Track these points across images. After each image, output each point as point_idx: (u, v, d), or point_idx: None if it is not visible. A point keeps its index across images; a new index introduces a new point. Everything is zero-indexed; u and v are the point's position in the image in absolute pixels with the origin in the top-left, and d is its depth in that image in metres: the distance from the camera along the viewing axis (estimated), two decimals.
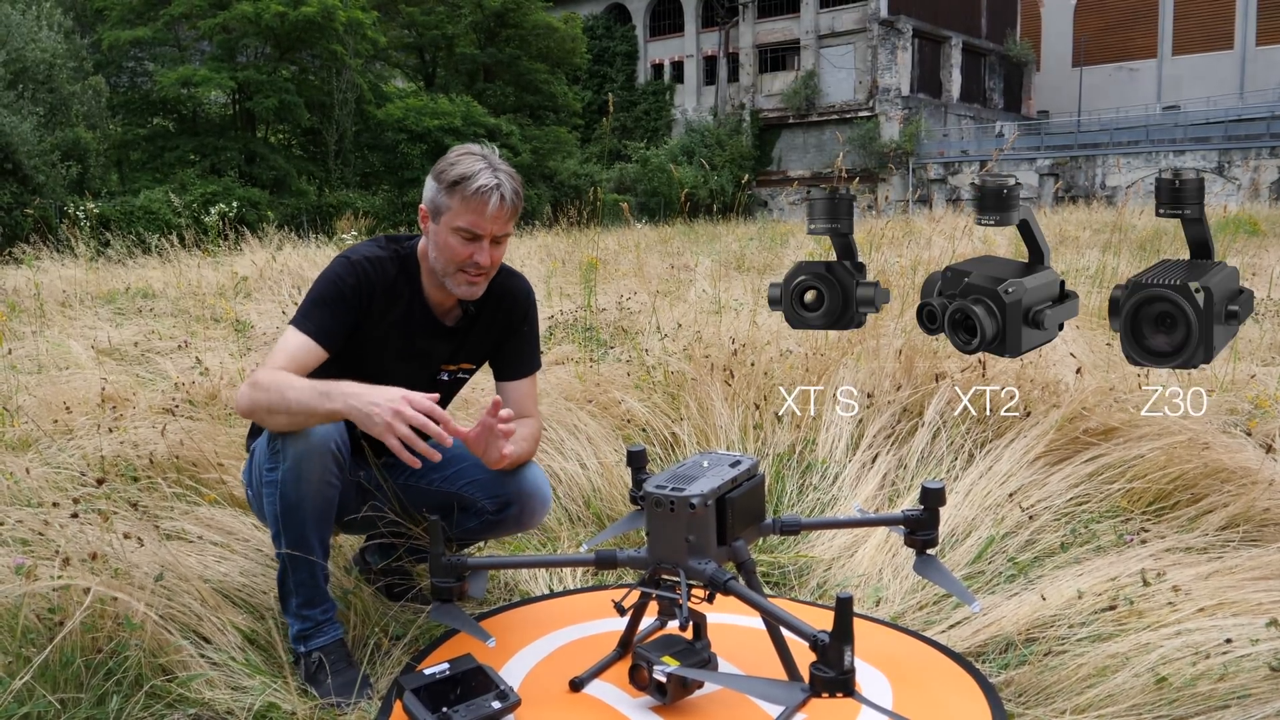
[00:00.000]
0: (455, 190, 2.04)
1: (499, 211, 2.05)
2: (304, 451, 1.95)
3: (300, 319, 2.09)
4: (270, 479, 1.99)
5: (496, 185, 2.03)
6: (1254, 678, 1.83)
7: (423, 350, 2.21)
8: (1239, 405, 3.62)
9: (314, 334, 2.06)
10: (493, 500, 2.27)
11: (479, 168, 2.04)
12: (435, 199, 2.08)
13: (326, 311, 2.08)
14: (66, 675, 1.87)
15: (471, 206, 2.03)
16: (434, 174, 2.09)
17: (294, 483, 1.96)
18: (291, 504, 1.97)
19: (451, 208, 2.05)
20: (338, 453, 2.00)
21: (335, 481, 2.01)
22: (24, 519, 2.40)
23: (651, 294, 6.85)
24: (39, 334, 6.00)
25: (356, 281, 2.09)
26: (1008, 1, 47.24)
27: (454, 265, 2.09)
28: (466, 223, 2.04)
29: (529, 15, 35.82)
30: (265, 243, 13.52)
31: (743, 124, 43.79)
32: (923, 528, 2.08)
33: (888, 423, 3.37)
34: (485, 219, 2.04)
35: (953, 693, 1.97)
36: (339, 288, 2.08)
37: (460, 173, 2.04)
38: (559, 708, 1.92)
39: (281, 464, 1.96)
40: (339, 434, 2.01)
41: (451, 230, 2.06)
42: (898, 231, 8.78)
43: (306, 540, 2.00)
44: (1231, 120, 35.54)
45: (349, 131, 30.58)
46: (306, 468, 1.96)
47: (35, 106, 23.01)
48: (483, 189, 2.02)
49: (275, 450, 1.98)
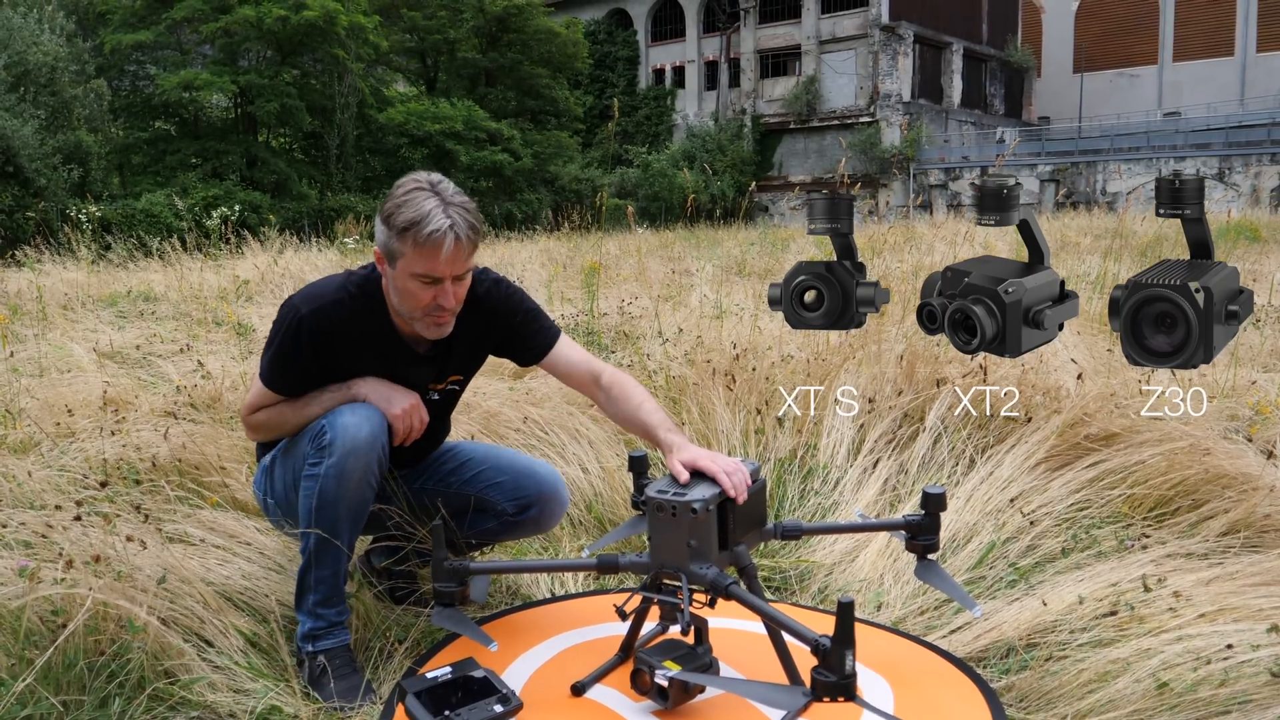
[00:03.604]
0: (407, 236, 1.91)
1: (455, 254, 1.93)
2: (352, 449, 1.97)
3: (266, 374, 2.11)
4: (312, 473, 2.00)
5: (450, 225, 1.91)
6: (1255, 683, 1.83)
7: (403, 378, 2.15)
8: (1240, 411, 3.62)
9: (284, 391, 2.11)
10: (513, 503, 2.30)
11: (429, 208, 1.91)
12: (388, 244, 1.96)
13: (286, 366, 2.09)
14: (69, 677, 1.87)
15: (425, 254, 1.92)
16: (383, 215, 1.96)
17: (336, 478, 1.98)
18: (330, 499, 1.99)
19: (405, 254, 1.93)
20: (382, 456, 2.03)
21: (374, 483, 2.04)
22: (27, 521, 2.40)
23: (653, 298, 6.86)
24: (41, 337, 6.00)
25: (310, 338, 2.04)
26: (1009, 7, 47.31)
27: (419, 310, 2.00)
28: (423, 269, 1.94)
29: (531, 20, 35.87)
30: (267, 246, 13.52)
31: (744, 129, 43.82)
32: (924, 533, 2.08)
33: (889, 428, 3.37)
34: (441, 263, 1.93)
35: (954, 698, 1.97)
36: (295, 345, 2.05)
37: (410, 218, 1.91)
38: (561, 712, 1.92)
39: (327, 459, 1.98)
40: (385, 438, 2.04)
41: (410, 276, 1.96)
42: (899, 237, 8.79)
43: (338, 537, 2.02)
44: (1232, 127, 35.58)
45: (350, 135, 30.62)
46: (352, 464, 1.98)
47: (37, 110, 23.04)
48: (435, 234, 1.90)
49: (322, 445, 1.99)
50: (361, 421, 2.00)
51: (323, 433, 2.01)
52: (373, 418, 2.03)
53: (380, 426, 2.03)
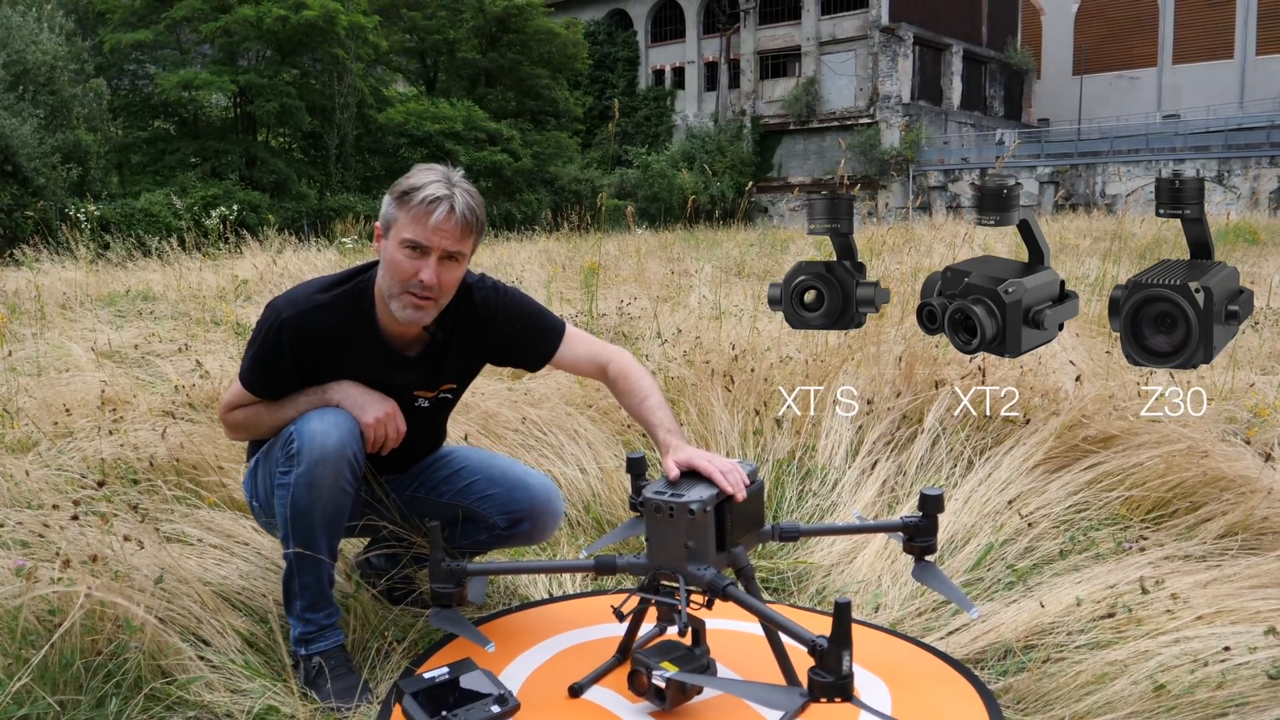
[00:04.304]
0: (404, 201, 1.96)
1: (446, 222, 1.94)
2: (320, 458, 1.95)
3: (246, 374, 2.10)
4: (283, 481, 1.98)
5: (447, 196, 1.94)
6: (1252, 686, 1.83)
7: (386, 383, 2.12)
8: (1238, 414, 3.62)
9: (259, 392, 2.10)
10: (505, 516, 2.27)
11: (431, 179, 1.97)
12: (387, 212, 2.00)
13: (268, 371, 2.07)
14: (66, 677, 1.87)
15: (416, 216, 1.94)
16: (390, 190, 2.02)
17: (306, 488, 1.96)
18: (303, 509, 1.97)
19: (399, 219, 1.97)
20: (354, 461, 1.99)
21: (349, 489, 2.01)
22: (24, 521, 2.40)
23: (652, 299, 6.86)
24: (39, 336, 6.00)
25: (290, 344, 2.03)
26: (1009, 9, 47.30)
27: (399, 284, 1.98)
28: (412, 234, 1.95)
29: (531, 20, 35.85)
30: (266, 246, 13.51)
31: (743, 130, 43.79)
32: (922, 534, 2.08)
33: (887, 429, 3.37)
34: (430, 229, 1.94)
35: (951, 699, 1.97)
36: (275, 350, 2.04)
37: (412, 184, 1.97)
38: (558, 713, 1.92)
39: (295, 468, 1.96)
40: (356, 443, 2.00)
41: (399, 244, 1.97)
42: (898, 238, 8.79)
43: (315, 544, 2.00)
44: (1231, 129, 35.57)
45: (350, 135, 30.59)
46: (320, 473, 1.95)
47: (36, 109, 23.00)
48: (430, 198, 1.93)
49: (291, 454, 1.97)
50: (329, 429, 1.97)
51: (290, 440, 1.98)
52: (342, 424, 1.99)
53: (350, 433, 1.99)
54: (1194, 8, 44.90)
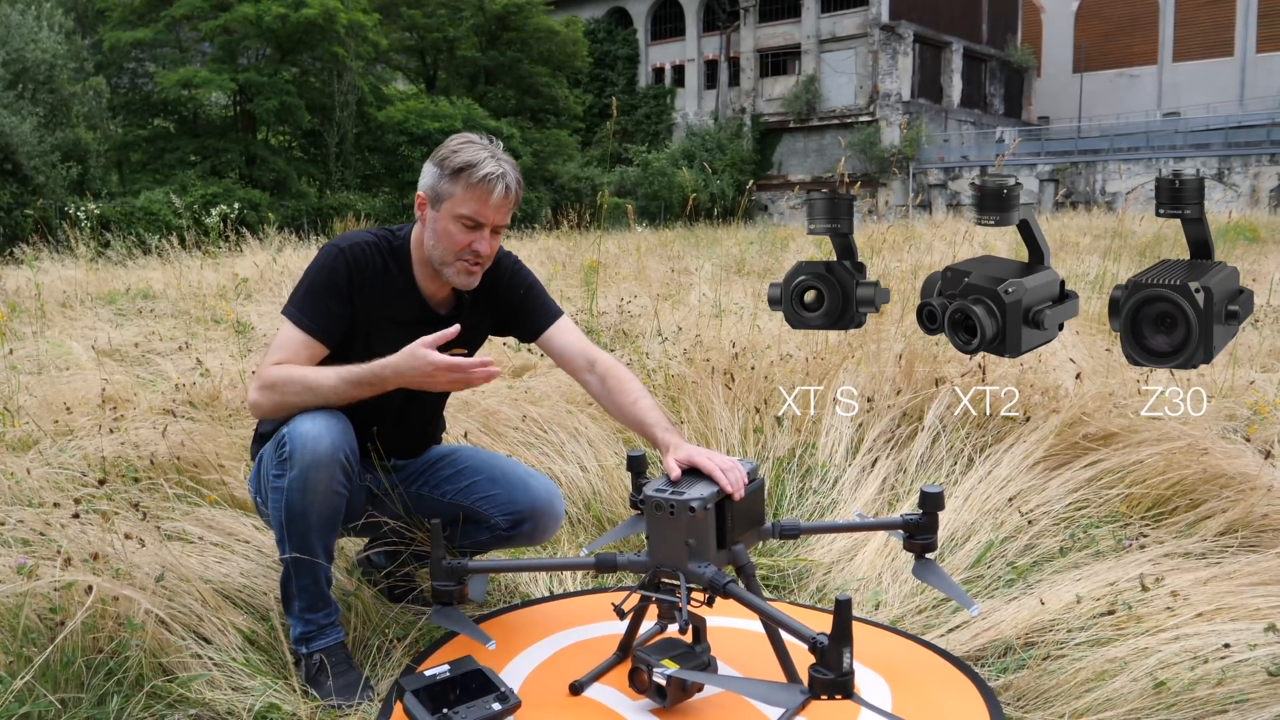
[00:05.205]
0: (459, 177, 2.02)
1: (503, 201, 2.04)
2: (313, 461, 1.94)
3: (295, 313, 2.05)
4: (277, 485, 1.98)
5: (502, 174, 2.02)
6: (1252, 682, 1.83)
7: (418, 337, 2.08)
8: (1238, 411, 3.62)
9: (312, 330, 2.05)
10: (506, 517, 2.27)
11: (483, 156, 2.03)
12: (436, 185, 2.05)
13: (322, 304, 2.05)
14: (67, 675, 1.87)
15: (476, 194, 2.02)
16: (435, 160, 2.06)
17: (300, 491, 1.95)
18: (297, 512, 1.97)
19: (454, 194, 2.03)
20: (346, 462, 1.99)
21: (343, 490, 2.01)
22: (25, 519, 2.41)
23: (652, 297, 6.86)
24: (39, 334, 6.00)
25: (349, 271, 2.06)
26: (1009, 7, 47.29)
27: (452, 254, 2.06)
28: (470, 210, 2.03)
29: (530, 18, 35.86)
30: (266, 244, 13.53)
31: (743, 128, 43.78)
32: (922, 532, 2.08)
33: (887, 427, 3.37)
34: (489, 207, 2.03)
35: (951, 696, 1.98)
36: (333, 278, 2.05)
37: (465, 160, 2.02)
38: (559, 710, 1.92)
39: (289, 471, 1.95)
40: (348, 444, 2.00)
41: (453, 218, 2.04)
42: (898, 236, 8.79)
43: (310, 546, 2.00)
44: (1231, 127, 35.55)
45: (350, 133, 30.60)
46: (314, 477, 1.95)
47: (35, 107, 23.01)
48: (489, 177, 2.01)
49: (283, 458, 1.96)
50: (322, 432, 1.95)
51: (283, 443, 1.97)
52: (334, 427, 1.98)
53: (342, 435, 1.99)
54: (1194, 5, 44.88)
